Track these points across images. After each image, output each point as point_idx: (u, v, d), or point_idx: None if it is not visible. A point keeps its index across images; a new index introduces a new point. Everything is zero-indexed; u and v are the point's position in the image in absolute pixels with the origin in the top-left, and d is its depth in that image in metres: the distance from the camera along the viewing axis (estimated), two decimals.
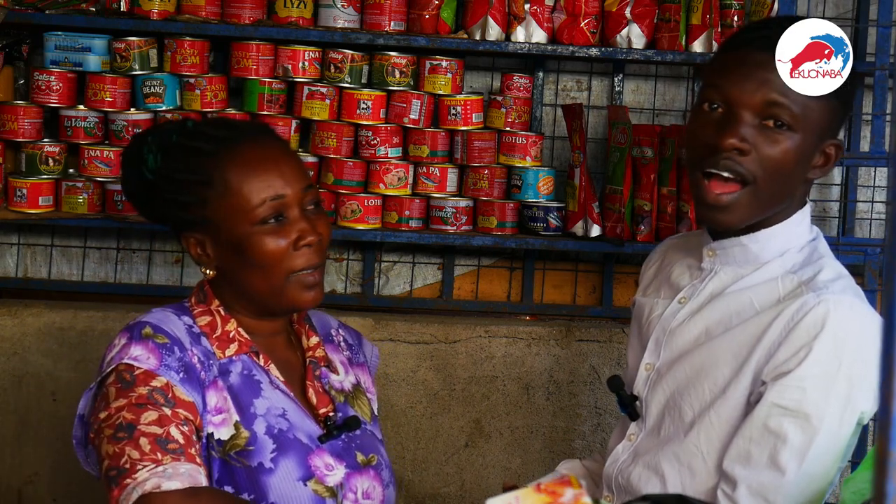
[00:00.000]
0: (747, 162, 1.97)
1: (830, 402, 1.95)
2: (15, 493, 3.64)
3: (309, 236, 2.07)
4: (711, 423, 2.01)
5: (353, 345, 2.33)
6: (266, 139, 2.17)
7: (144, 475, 1.90)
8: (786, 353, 1.95)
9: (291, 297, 2.09)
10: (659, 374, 2.10)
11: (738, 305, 2.04)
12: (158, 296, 3.81)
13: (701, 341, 2.07)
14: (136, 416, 1.95)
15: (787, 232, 2.06)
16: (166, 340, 2.03)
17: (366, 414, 2.24)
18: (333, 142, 3.72)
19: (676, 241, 2.32)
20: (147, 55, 3.70)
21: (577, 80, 4.03)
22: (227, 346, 2.10)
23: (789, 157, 1.98)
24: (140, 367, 2.00)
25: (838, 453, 1.99)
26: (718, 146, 1.97)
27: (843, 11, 3.99)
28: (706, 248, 2.11)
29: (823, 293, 1.96)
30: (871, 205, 3.99)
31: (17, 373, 3.62)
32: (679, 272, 2.18)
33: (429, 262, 4.00)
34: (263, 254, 2.06)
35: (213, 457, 2.03)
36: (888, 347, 0.97)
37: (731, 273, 2.08)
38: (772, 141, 1.97)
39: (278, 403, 2.10)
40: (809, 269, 2.03)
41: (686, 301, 2.12)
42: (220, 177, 2.08)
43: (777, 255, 2.05)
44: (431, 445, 3.69)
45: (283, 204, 2.08)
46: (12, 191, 3.67)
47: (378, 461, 2.19)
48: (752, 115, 1.97)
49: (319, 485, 2.07)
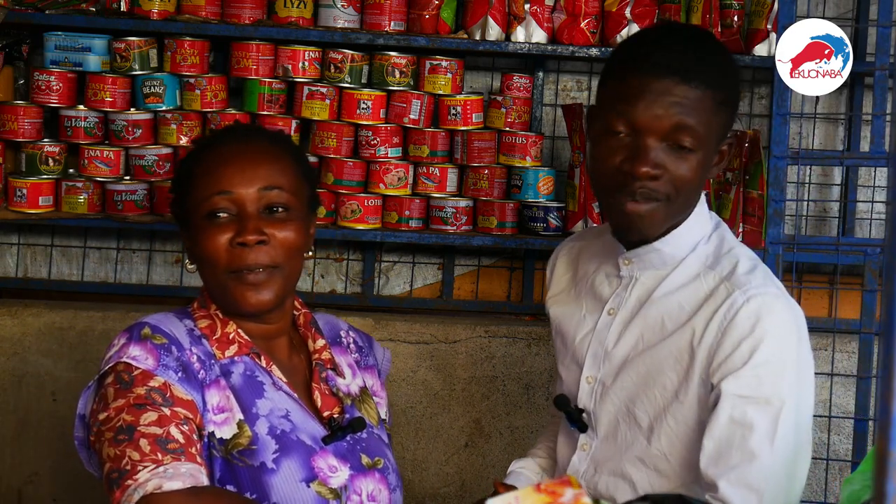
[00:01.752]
0: (660, 185, 2.05)
1: (785, 381, 2.03)
2: (15, 493, 3.64)
3: (246, 235, 2.05)
4: (669, 426, 2.10)
5: (363, 347, 2.32)
6: (251, 139, 2.17)
7: (145, 476, 1.90)
8: (727, 351, 2.04)
9: (233, 296, 2.08)
10: (604, 386, 2.17)
11: (668, 310, 2.12)
12: (158, 296, 3.82)
13: (639, 348, 2.14)
14: (135, 418, 1.95)
15: (693, 227, 2.14)
16: (164, 341, 2.04)
17: (373, 418, 2.23)
18: (333, 142, 3.72)
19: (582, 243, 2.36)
20: (147, 55, 3.70)
21: (577, 80, 4.03)
22: (227, 347, 2.10)
23: (696, 173, 2.07)
24: (138, 367, 2.00)
25: (805, 430, 2.08)
26: (632, 174, 2.04)
27: (843, 11, 3.99)
28: (622, 258, 2.18)
29: (749, 289, 2.06)
30: (871, 205, 3.99)
31: (17, 373, 3.62)
32: (599, 281, 2.23)
33: (429, 262, 4.00)
34: (203, 248, 2.08)
35: (215, 456, 2.02)
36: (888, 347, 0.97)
37: (652, 276, 2.16)
38: (680, 161, 2.05)
39: (281, 404, 2.10)
40: (726, 263, 2.12)
41: (615, 312, 2.18)
42: (193, 171, 2.13)
43: (689, 250, 2.14)
44: (431, 445, 3.70)
45: (230, 200, 2.07)
46: (12, 191, 3.67)
47: (384, 464, 2.18)
48: (659, 139, 2.04)
49: (323, 486, 2.07)
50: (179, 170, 2.19)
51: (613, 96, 2.07)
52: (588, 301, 2.24)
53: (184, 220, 2.16)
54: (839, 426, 3.64)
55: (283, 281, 2.10)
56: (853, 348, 3.54)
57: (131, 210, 3.69)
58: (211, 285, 2.11)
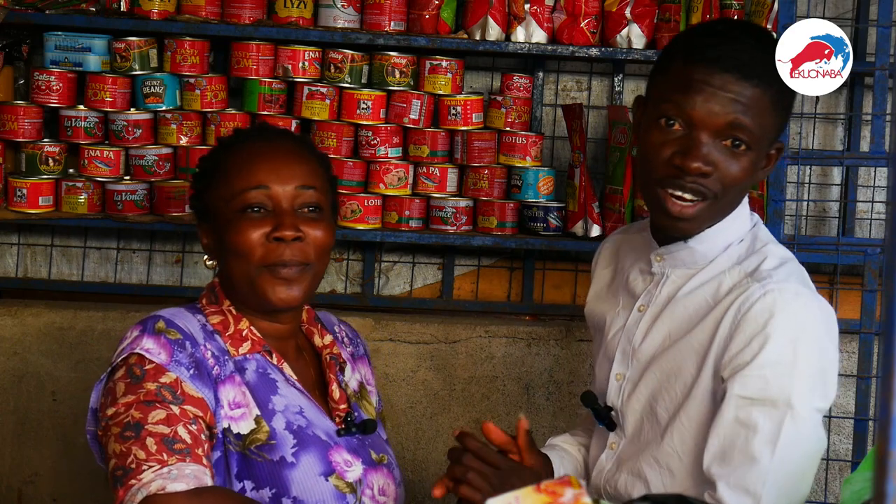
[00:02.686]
0: (709, 182, 2.01)
1: (794, 386, 1.98)
2: (15, 493, 3.64)
3: (284, 231, 2.07)
4: (682, 424, 2.06)
5: (353, 338, 2.35)
6: (281, 139, 2.20)
7: (150, 476, 1.90)
8: (738, 345, 1.99)
9: (262, 290, 2.08)
10: (632, 384, 2.14)
11: (695, 305, 2.09)
12: (158, 296, 3.82)
13: (666, 345, 2.11)
14: (143, 415, 1.96)
15: (730, 227, 2.10)
16: (178, 336, 2.04)
17: (371, 413, 2.26)
18: (333, 142, 3.72)
19: (624, 237, 2.34)
20: (147, 55, 3.70)
21: (577, 80, 4.03)
22: (241, 343, 2.11)
23: (747, 174, 2.04)
24: (151, 361, 2.00)
25: (813, 436, 2.02)
26: (683, 168, 2.00)
27: (842, 11, 3.99)
28: (654, 254, 2.15)
29: (768, 283, 2.01)
30: (871, 205, 3.99)
31: (17, 373, 3.62)
32: (633, 277, 2.21)
33: (429, 262, 4.00)
34: (237, 241, 2.08)
35: (231, 451, 2.03)
36: (888, 347, 0.97)
37: (682, 274, 2.12)
38: (732, 160, 2.01)
39: (295, 401, 2.11)
40: (754, 259, 2.08)
41: (645, 309, 2.16)
42: (223, 166, 2.13)
43: (722, 250, 2.10)
44: (431, 445, 3.69)
45: (267, 195, 2.09)
46: (12, 191, 3.67)
47: (389, 460, 2.21)
48: (713, 135, 2.00)
49: (340, 480, 2.08)
50: (205, 165, 2.20)
51: (670, 86, 2.02)
52: (623, 297, 2.22)
53: (205, 215, 2.16)
54: (839, 426, 3.64)
55: (312, 280, 2.13)
56: (853, 348, 3.54)
57: (131, 210, 3.69)
58: (237, 280, 2.11)
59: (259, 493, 2.03)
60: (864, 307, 3.30)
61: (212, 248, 2.16)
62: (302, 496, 2.03)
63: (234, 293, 2.14)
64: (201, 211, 2.17)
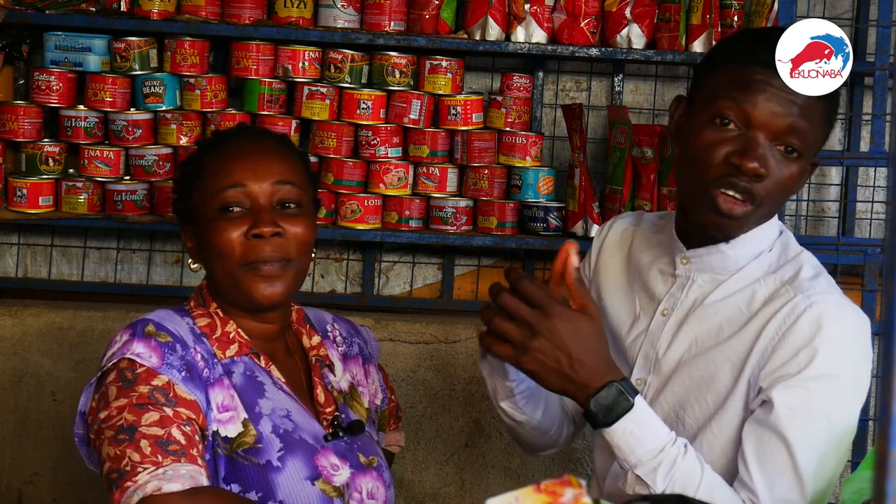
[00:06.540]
0: (760, 186, 1.98)
1: (836, 401, 1.97)
2: (15, 493, 3.64)
3: (262, 227, 2.06)
4: (713, 433, 2.02)
5: (346, 337, 2.33)
6: (258, 138, 2.20)
7: (145, 478, 1.90)
8: (783, 357, 1.96)
9: (245, 288, 2.08)
10: (654, 390, 2.10)
11: (728, 314, 2.05)
12: (158, 296, 3.82)
13: (693, 352, 2.07)
14: (137, 418, 1.95)
15: (761, 235, 2.07)
16: (169, 339, 2.04)
17: (361, 414, 2.25)
18: (333, 142, 3.72)
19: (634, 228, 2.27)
20: (147, 55, 3.70)
21: (576, 80, 4.03)
22: (228, 346, 2.11)
23: (795, 182, 2.02)
24: (142, 365, 2.00)
25: (843, 450, 2.01)
26: (740, 168, 1.96)
27: (842, 11, 3.99)
28: (679, 256, 2.11)
29: (812, 294, 1.99)
30: (870, 205, 3.99)
31: (17, 373, 3.62)
32: (653, 277, 2.16)
33: (429, 262, 4.00)
34: (218, 241, 2.08)
35: (219, 454, 2.02)
36: (888, 347, 0.97)
37: (709, 279, 2.09)
38: (783, 166, 1.98)
39: (282, 404, 2.10)
40: (789, 268, 2.05)
41: (669, 313, 2.11)
42: (202, 168, 2.14)
43: (752, 257, 2.07)
44: (431, 445, 3.69)
45: (244, 193, 2.09)
46: (12, 191, 3.67)
47: (378, 462, 2.20)
48: (770, 138, 1.97)
49: (327, 484, 2.08)
50: (184, 168, 2.20)
51: (729, 83, 1.98)
52: (641, 298, 2.17)
53: (187, 218, 2.16)
54: None
55: (294, 276, 2.12)
56: None
57: (131, 210, 3.69)
58: (220, 280, 2.11)
59: (245, 496, 2.03)
60: (864, 307, 3.29)
61: (196, 251, 2.16)
62: (288, 500, 2.03)
63: (221, 295, 2.14)
64: (184, 214, 2.17)
